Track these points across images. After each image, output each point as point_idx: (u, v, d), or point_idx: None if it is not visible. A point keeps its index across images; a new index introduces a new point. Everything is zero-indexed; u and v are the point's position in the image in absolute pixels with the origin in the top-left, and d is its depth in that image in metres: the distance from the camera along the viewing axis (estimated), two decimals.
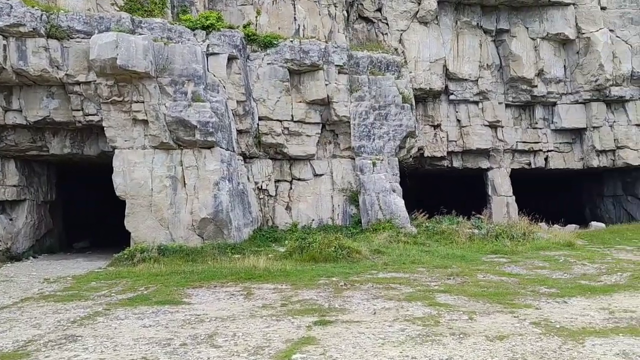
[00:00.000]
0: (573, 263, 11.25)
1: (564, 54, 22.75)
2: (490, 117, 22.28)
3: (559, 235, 16.59)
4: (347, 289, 8.44)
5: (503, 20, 22.35)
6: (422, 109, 22.31)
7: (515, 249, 14.20)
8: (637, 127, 22.58)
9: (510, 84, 22.43)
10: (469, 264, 11.64)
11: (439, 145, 22.26)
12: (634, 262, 10.92)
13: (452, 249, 14.19)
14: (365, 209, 17.30)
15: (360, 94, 18.51)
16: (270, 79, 17.49)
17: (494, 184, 22.74)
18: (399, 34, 21.78)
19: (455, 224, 17.33)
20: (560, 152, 23.38)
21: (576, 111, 22.83)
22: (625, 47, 22.16)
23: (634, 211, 24.51)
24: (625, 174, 24.46)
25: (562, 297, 7.60)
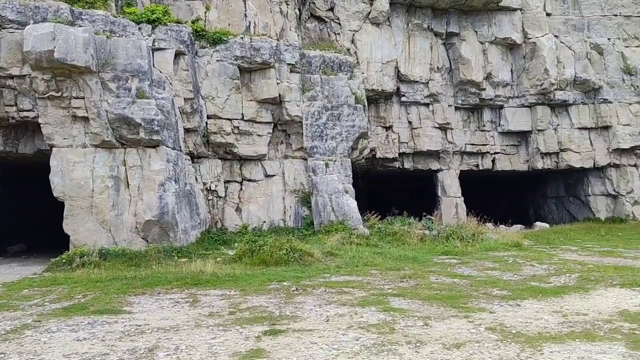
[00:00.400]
0: (522, 264, 11.38)
1: (511, 58, 23.31)
2: (441, 119, 22.55)
3: (506, 235, 16.89)
4: (299, 294, 8.11)
5: (453, 24, 22.67)
6: (375, 110, 22.31)
7: (465, 250, 14.30)
8: (580, 131, 23.41)
9: (460, 86, 22.77)
10: (422, 266, 11.57)
11: (390, 147, 22.32)
12: (581, 263, 11.14)
13: (405, 250, 14.14)
14: (318, 210, 17.05)
15: (312, 93, 18.26)
16: (219, 76, 16.97)
17: (443, 185, 23.02)
18: (351, 34, 21.69)
19: (407, 225, 17.35)
20: (506, 154, 23.95)
21: (522, 114, 23.43)
22: (569, 53, 22.93)
23: (575, 211, 25.43)
24: (567, 176, 25.33)
25: (514, 299, 7.56)
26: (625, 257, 12.66)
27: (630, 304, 6.99)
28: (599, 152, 23.40)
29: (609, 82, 23.24)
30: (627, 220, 22.60)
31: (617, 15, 23.63)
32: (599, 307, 6.90)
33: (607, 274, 9.08)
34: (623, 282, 8.29)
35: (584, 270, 9.87)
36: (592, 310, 6.75)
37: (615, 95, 23.23)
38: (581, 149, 23.36)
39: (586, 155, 23.35)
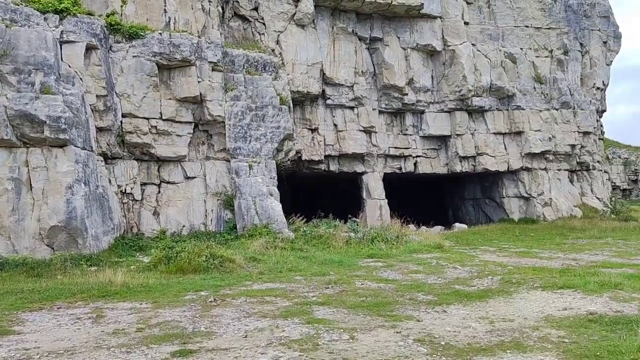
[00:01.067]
0: (445, 266, 11.50)
1: (431, 64, 23.93)
2: (365, 123, 22.70)
3: (429, 237, 17.18)
4: (216, 306, 7.59)
5: (377, 29, 22.92)
6: (300, 112, 22.07)
7: (390, 252, 14.34)
8: (495, 136, 24.44)
9: (384, 91, 23.06)
10: (347, 270, 11.40)
11: (316, 149, 22.16)
12: (500, 264, 11.43)
13: (330, 253, 13.94)
14: (241, 213, 16.50)
15: (236, 93, 17.71)
16: (136, 73, 16.01)
17: (368, 188, 23.19)
18: (276, 35, 21.32)
19: (332, 227, 17.20)
20: (428, 158, 24.55)
21: (442, 119, 24.13)
22: (485, 61, 23.89)
23: (490, 213, 26.55)
24: (484, 179, 26.40)
25: (440, 304, 7.49)
26: (541, 257, 13.18)
27: (554, 308, 7.01)
28: (513, 156, 24.56)
29: (522, 90, 24.46)
30: (538, 220, 23.86)
31: (528, 27, 24.95)
32: (524, 312, 6.88)
33: (527, 276, 9.28)
34: (544, 284, 8.45)
35: (505, 272, 10.07)
36: (518, 316, 6.71)
37: (527, 102, 24.50)
38: (496, 153, 24.40)
39: (501, 159, 24.43)
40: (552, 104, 24.91)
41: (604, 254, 13.65)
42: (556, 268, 10.46)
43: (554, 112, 24.92)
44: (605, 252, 13.92)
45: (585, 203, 25.24)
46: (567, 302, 7.16)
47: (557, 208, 24.44)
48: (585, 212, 24.31)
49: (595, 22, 26.19)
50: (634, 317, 6.09)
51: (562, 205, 24.53)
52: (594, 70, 25.93)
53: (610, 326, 5.83)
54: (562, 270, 10.00)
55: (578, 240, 17.76)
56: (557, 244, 16.72)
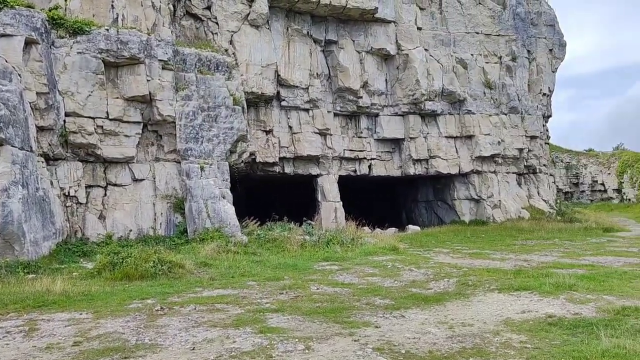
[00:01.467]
0: (401, 269, 11.43)
1: (385, 68, 24.06)
2: (320, 125, 22.56)
3: (384, 239, 17.17)
4: (163, 315, 7.16)
5: (332, 32, 22.84)
6: (254, 113, 21.68)
7: (345, 255, 14.19)
8: (447, 139, 24.83)
9: (339, 93, 22.99)
10: (302, 274, 11.14)
11: (270, 151, 21.84)
12: (455, 266, 11.46)
13: (284, 257, 13.66)
14: (192, 217, 15.96)
15: (187, 92, 17.17)
16: (80, 70, 15.23)
17: (323, 190, 23.05)
18: (229, 35, 20.87)
19: (287, 230, 16.94)
20: (382, 160, 24.66)
21: (396, 122, 24.30)
22: (438, 66, 24.24)
23: (442, 215, 26.95)
24: (436, 181, 26.79)
25: (398, 309, 7.33)
26: (493, 258, 13.36)
27: (512, 311, 6.96)
28: (464, 160, 25.03)
29: (472, 95, 24.98)
30: (488, 222, 24.37)
31: (478, 33, 25.51)
32: (482, 316, 6.79)
33: (483, 278, 9.30)
34: (500, 286, 8.46)
35: (461, 274, 10.07)
36: (477, 320, 6.61)
37: (478, 107, 25.03)
38: (448, 156, 24.80)
39: (452, 162, 24.84)
40: (501, 109, 25.56)
41: (553, 254, 13.98)
42: (510, 269, 10.57)
43: (503, 116, 25.58)
44: (554, 253, 14.27)
45: (532, 205, 26.01)
46: (524, 304, 7.15)
47: (506, 210, 25.05)
48: (532, 213, 25.04)
49: (542, 30, 27.12)
50: (593, 319, 6.10)
51: (511, 207, 25.17)
52: (540, 76, 26.81)
53: (570, 330, 5.79)
54: (515, 271, 10.10)
55: (527, 242, 18.20)
56: (507, 245, 17.05)
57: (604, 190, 50.55)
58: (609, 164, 50.22)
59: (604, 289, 7.81)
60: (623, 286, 8.12)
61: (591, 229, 22.07)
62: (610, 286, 8.08)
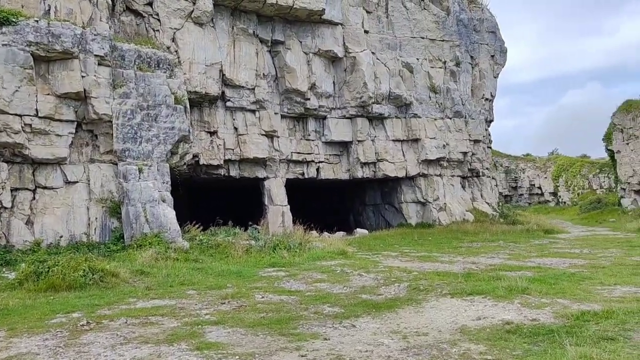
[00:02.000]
0: (350, 274, 11.10)
1: (333, 70, 23.84)
2: (267, 127, 22.01)
3: (332, 243, 16.84)
4: (89, 331, 6.45)
5: (278, 32, 22.38)
6: (198, 114, 20.88)
7: (293, 261, 13.74)
8: (394, 142, 24.87)
9: (286, 95, 22.55)
10: (247, 282, 10.60)
11: (215, 153, 21.08)
12: (405, 270, 11.23)
13: (228, 264, 13.05)
14: (129, 222, 15.04)
15: (125, 90, 16.23)
16: (6, 63, 14.06)
17: (270, 194, 22.50)
18: (172, 32, 20.02)
19: (231, 235, 16.31)
20: (330, 163, 24.40)
21: (344, 125, 24.11)
22: (384, 69, 24.26)
23: (390, 218, 27.00)
24: (383, 185, 26.81)
25: (348, 318, 6.94)
26: (442, 261, 13.27)
27: (467, 317, 6.70)
28: (410, 163, 25.15)
29: (418, 99, 25.17)
30: (434, 225, 24.57)
31: (424, 38, 25.77)
32: (437, 323, 6.48)
33: (434, 282, 9.07)
34: (452, 291, 8.23)
35: (411, 278, 9.82)
36: (432, 328, 6.30)
37: (424, 110, 25.25)
38: (395, 159, 24.84)
39: (399, 166, 24.90)
40: (445, 113, 25.90)
41: (499, 256, 14.08)
42: (459, 272, 10.44)
43: (448, 120, 25.93)
44: (501, 255, 14.38)
45: (476, 207, 26.48)
46: (479, 310, 6.92)
47: (451, 212, 25.36)
48: (476, 216, 25.48)
49: (484, 37, 27.75)
50: (553, 326, 5.89)
51: (456, 209, 25.51)
52: (483, 82, 27.41)
53: (530, 338, 5.54)
54: (465, 274, 9.97)
55: (473, 244, 18.37)
56: (454, 248, 17.12)
57: (540, 193, 52.69)
58: (545, 168, 52.41)
59: (557, 292, 7.73)
60: (574, 288, 8.09)
61: (533, 231, 22.65)
62: (562, 289, 8.02)
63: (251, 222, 18.43)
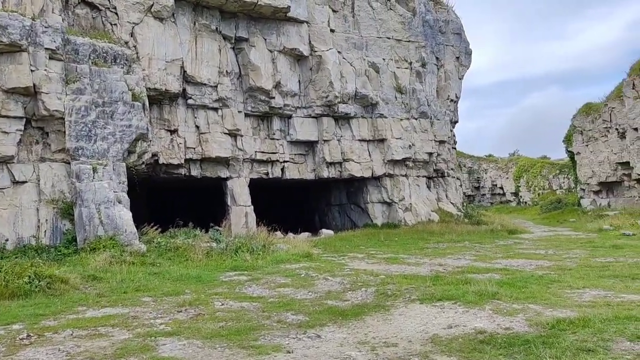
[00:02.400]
0: (315, 277, 10.69)
1: (299, 69, 23.42)
2: (230, 126, 21.40)
3: (297, 245, 16.42)
4: (28, 345, 5.85)
5: (242, 29, 21.81)
6: (158, 111, 20.11)
7: (255, 264, 13.25)
8: (360, 142, 24.63)
9: (250, 93, 21.99)
10: (206, 287, 10.07)
11: (175, 152, 20.34)
12: (372, 273, 10.89)
13: (188, 267, 12.46)
14: (82, 224, 14.24)
15: (79, 86, 15.42)
16: None
17: (233, 194, 21.89)
18: (130, 26, 19.22)
19: (192, 237, 15.68)
20: (295, 163, 23.96)
21: (309, 125, 23.71)
22: (350, 69, 23.99)
23: (355, 218, 26.76)
24: (349, 185, 26.55)
25: (313, 327, 6.51)
26: (409, 263, 13.00)
27: (438, 325, 6.33)
28: (376, 163, 24.96)
29: (384, 99, 25.00)
30: (399, 225, 24.44)
31: (390, 38, 25.64)
32: (406, 333, 6.08)
33: (402, 287, 8.72)
34: (421, 296, 7.89)
35: (378, 282, 9.46)
36: (401, 338, 5.90)
37: (390, 111, 25.11)
38: (361, 159, 24.60)
39: (366, 166, 24.68)
40: (411, 114, 25.84)
41: (466, 258, 13.94)
42: (427, 275, 10.17)
43: (414, 121, 25.88)
44: (467, 256, 14.25)
45: (441, 208, 26.52)
46: (449, 317, 6.59)
47: (416, 213, 25.30)
48: (441, 216, 25.50)
49: (449, 38, 27.84)
50: (528, 335, 5.58)
51: (421, 210, 25.48)
52: (448, 83, 27.50)
53: (506, 349, 5.19)
54: (433, 277, 9.70)
55: (439, 244, 18.25)
56: (420, 249, 16.95)
57: (502, 193, 53.63)
58: (507, 169, 53.36)
59: (527, 297, 7.49)
60: (544, 292, 7.89)
61: (497, 231, 22.77)
62: (532, 293, 7.81)
63: (213, 224, 17.81)
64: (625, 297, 7.54)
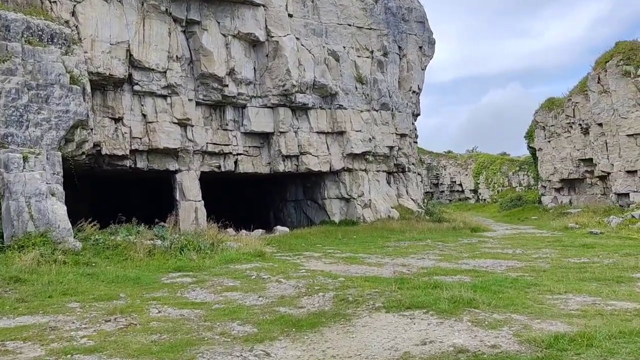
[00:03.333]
0: (267, 280, 9.69)
1: (254, 55, 22.27)
2: (180, 115, 20.06)
3: (249, 243, 15.36)
4: None
5: (194, 11, 20.46)
6: (101, 98, 18.60)
7: (202, 264, 12.14)
8: (318, 135, 23.70)
9: (202, 80, 20.69)
10: (144, 290, 8.94)
11: (120, 142, 18.87)
12: (330, 275, 9.96)
13: (126, 268, 11.23)
14: (10, 218, 12.71)
15: (9, 66, 13.88)
16: None
17: (182, 188, 20.59)
18: (72, 5, 17.70)
19: (134, 234, 14.38)
20: (249, 156, 22.81)
21: (265, 115, 22.60)
22: (309, 56, 22.99)
23: (312, 215, 25.85)
24: (306, 179, 25.59)
25: (262, 341, 5.54)
26: (369, 264, 12.13)
27: (409, 341, 5.40)
28: (335, 157, 24.09)
29: (344, 89, 24.14)
30: (358, 222, 23.70)
31: (351, 25, 24.74)
32: (372, 350, 5.14)
33: (364, 291, 7.80)
34: (387, 303, 6.96)
35: (337, 286, 8.53)
36: (366, 357, 4.99)
37: (349, 102, 24.26)
38: (319, 152, 23.68)
39: (324, 159, 23.78)
40: (372, 105, 25.09)
41: (430, 257, 13.22)
42: (390, 277, 9.34)
43: (374, 113, 25.15)
44: (431, 256, 13.53)
45: (401, 204, 25.94)
46: (422, 330, 5.68)
47: (376, 209, 24.63)
48: (401, 213, 24.90)
49: (412, 27, 27.09)
50: (521, 357, 4.67)
51: (381, 206, 24.82)
52: (410, 73, 26.84)
53: None
54: (398, 280, 8.86)
55: (400, 243, 17.54)
56: (380, 247, 16.19)
57: (461, 190, 53.84)
58: (467, 165, 53.56)
59: (507, 305, 6.68)
60: (523, 298, 7.12)
61: (459, 229, 22.29)
62: (511, 299, 7.01)
63: (158, 219, 16.51)
64: (616, 304, 6.87)
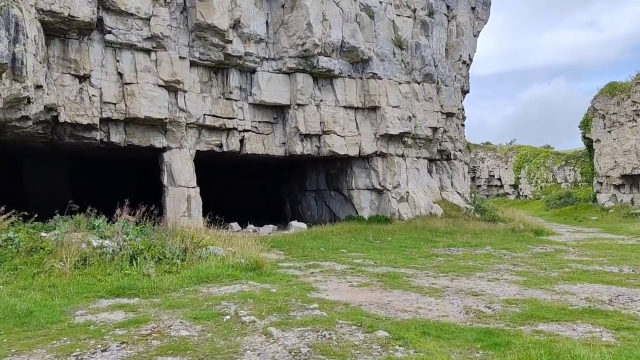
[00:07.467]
0: (248, 326, 4.87)
1: (267, 5, 17.59)
2: (168, 76, 15.47)
3: (245, 247, 10.75)
4: None
5: None
6: (60, 48, 14.18)
7: (159, 284, 7.63)
8: (345, 110, 18.94)
9: (197, 32, 16.06)
10: (19, 343, 4.43)
11: (86, 108, 14.43)
12: (359, 316, 5.06)
13: (29, 289, 6.83)
14: None
15: None
16: None
17: (171, 170, 16.11)
18: None
19: (79, 230, 9.99)
20: (259, 134, 18.18)
21: (279, 82, 17.93)
22: (337, 10, 18.16)
23: (336, 208, 21.20)
24: (329, 165, 20.90)
25: None
26: (421, 289, 7.27)
27: None
28: (366, 138, 19.29)
29: (379, 54, 19.29)
30: (392, 219, 18.92)
31: None
32: None
33: None
34: None
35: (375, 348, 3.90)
36: None
37: (385, 70, 19.38)
38: (346, 132, 18.93)
39: (352, 141, 19.01)
40: (413, 76, 20.17)
41: (505, 278, 8.31)
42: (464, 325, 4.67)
43: (416, 85, 20.21)
44: (506, 275, 8.64)
45: (445, 199, 21.00)
46: None
47: (415, 204, 19.80)
48: (446, 209, 19.98)
49: None
50: None
51: (421, 200, 19.95)
52: (460, 39, 21.78)
53: None
54: (481, 333, 4.13)
55: (452, 250, 12.73)
56: (428, 257, 11.41)
57: (500, 185, 48.53)
58: (507, 158, 48.18)
59: None
60: None
61: (520, 232, 17.27)
62: None
63: (118, 211, 11.90)
64: None
